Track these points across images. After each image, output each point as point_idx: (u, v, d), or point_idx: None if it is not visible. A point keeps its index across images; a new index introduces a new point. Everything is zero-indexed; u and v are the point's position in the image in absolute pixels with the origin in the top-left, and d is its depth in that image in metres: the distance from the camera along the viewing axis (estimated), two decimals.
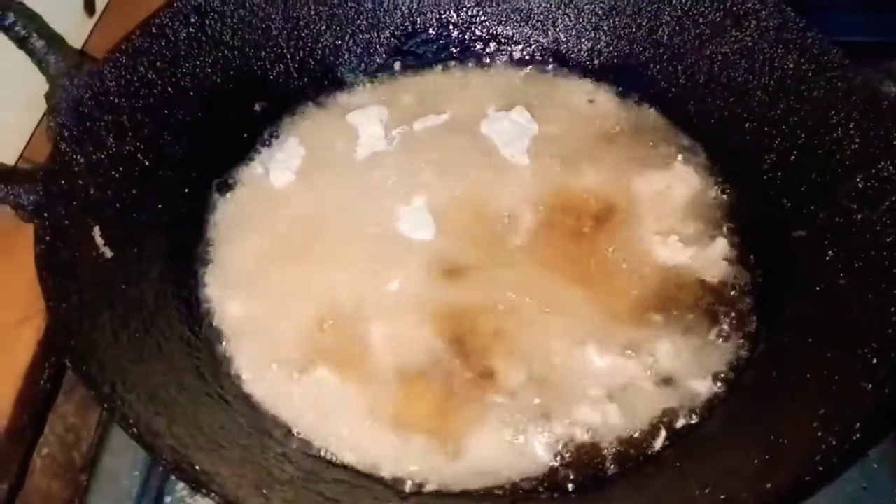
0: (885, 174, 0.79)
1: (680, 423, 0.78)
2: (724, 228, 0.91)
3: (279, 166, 0.95)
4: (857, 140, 0.82)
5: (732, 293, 0.86)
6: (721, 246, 0.89)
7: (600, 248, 0.89)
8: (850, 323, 0.75)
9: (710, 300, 0.85)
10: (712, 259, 0.88)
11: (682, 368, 0.81)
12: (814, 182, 0.86)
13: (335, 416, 0.78)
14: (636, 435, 0.77)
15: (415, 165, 0.95)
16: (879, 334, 0.71)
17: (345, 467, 0.75)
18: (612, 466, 0.75)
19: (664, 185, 0.94)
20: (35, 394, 0.84)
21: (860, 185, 0.81)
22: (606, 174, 0.95)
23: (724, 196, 0.93)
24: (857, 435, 0.64)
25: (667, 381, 0.80)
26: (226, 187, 0.94)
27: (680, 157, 0.96)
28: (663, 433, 0.77)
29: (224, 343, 0.83)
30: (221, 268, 0.88)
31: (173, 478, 0.81)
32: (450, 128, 0.99)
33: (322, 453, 0.76)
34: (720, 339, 0.83)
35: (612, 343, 0.82)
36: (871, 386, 0.67)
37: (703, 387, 0.80)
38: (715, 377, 0.80)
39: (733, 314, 0.84)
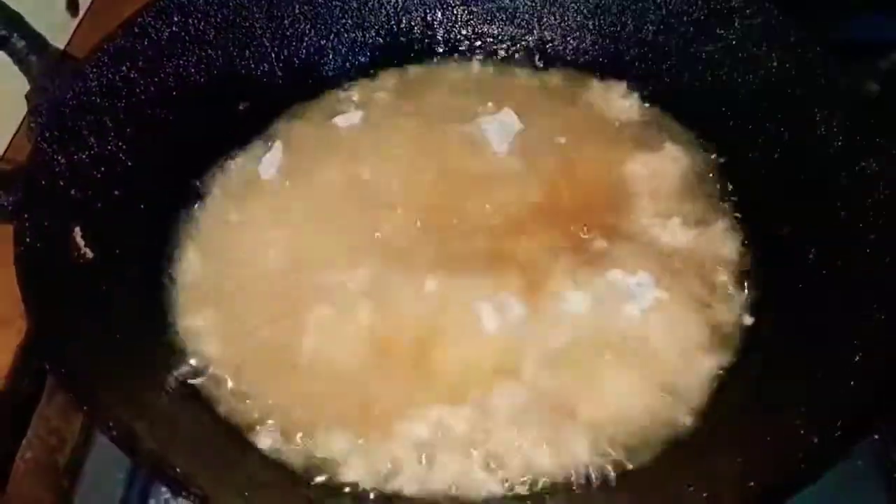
0: (868, 172, 0.79)
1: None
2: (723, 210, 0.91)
3: (262, 166, 0.94)
4: (841, 138, 0.82)
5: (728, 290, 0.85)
6: (722, 227, 0.89)
7: (596, 236, 0.88)
8: (832, 322, 0.75)
9: (709, 296, 0.84)
10: (714, 240, 0.88)
11: (674, 371, 0.80)
12: (797, 180, 0.86)
13: (316, 418, 0.77)
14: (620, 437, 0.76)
15: (399, 164, 0.95)
16: (861, 333, 0.71)
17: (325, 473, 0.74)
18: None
19: (654, 171, 0.93)
20: (18, 396, 0.84)
21: (843, 183, 0.81)
22: (597, 167, 0.94)
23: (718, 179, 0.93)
24: (839, 433, 0.64)
25: (663, 385, 0.79)
26: (208, 187, 0.93)
27: (668, 143, 0.96)
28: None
29: (205, 345, 0.81)
30: (202, 268, 0.87)
31: None
32: (436, 127, 0.98)
33: (304, 458, 0.75)
34: (714, 339, 0.82)
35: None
36: (853, 384, 0.67)
37: (691, 389, 0.79)
38: (703, 377, 0.79)
39: (727, 312, 0.83)
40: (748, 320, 0.83)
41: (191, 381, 0.78)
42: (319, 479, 0.73)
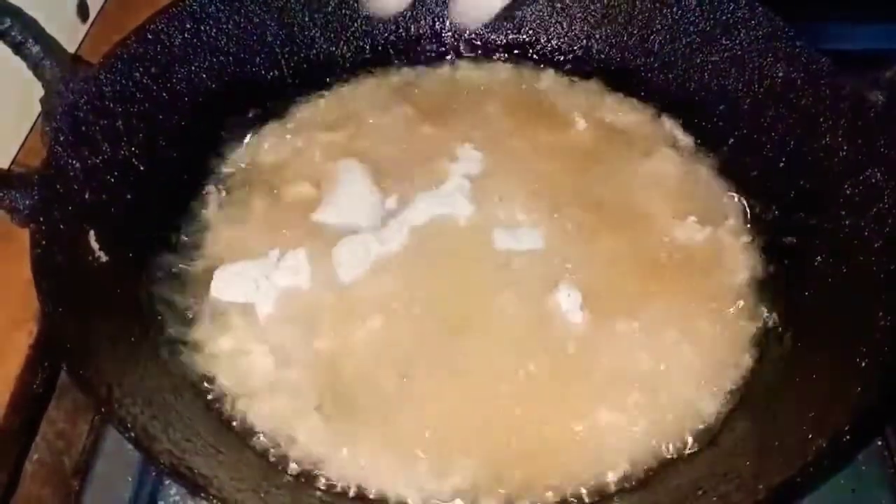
0: (873, 181, 0.80)
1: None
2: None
3: (273, 170, 0.95)
4: (845, 148, 0.83)
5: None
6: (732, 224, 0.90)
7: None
8: (838, 327, 0.76)
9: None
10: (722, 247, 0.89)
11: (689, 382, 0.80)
12: (802, 189, 0.87)
13: (325, 427, 0.77)
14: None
15: (401, 152, 0.96)
16: (867, 338, 0.71)
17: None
18: None
19: (660, 179, 0.95)
20: (27, 398, 0.84)
21: (848, 192, 0.82)
22: (607, 177, 0.95)
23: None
24: (847, 437, 0.65)
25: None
26: (220, 192, 0.93)
27: (673, 152, 0.97)
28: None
29: (219, 345, 0.81)
30: (216, 270, 0.86)
31: (166, 483, 0.80)
32: (442, 138, 0.98)
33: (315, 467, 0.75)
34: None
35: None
36: (859, 389, 0.68)
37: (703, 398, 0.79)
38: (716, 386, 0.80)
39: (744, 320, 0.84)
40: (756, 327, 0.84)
41: (207, 385, 0.78)
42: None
